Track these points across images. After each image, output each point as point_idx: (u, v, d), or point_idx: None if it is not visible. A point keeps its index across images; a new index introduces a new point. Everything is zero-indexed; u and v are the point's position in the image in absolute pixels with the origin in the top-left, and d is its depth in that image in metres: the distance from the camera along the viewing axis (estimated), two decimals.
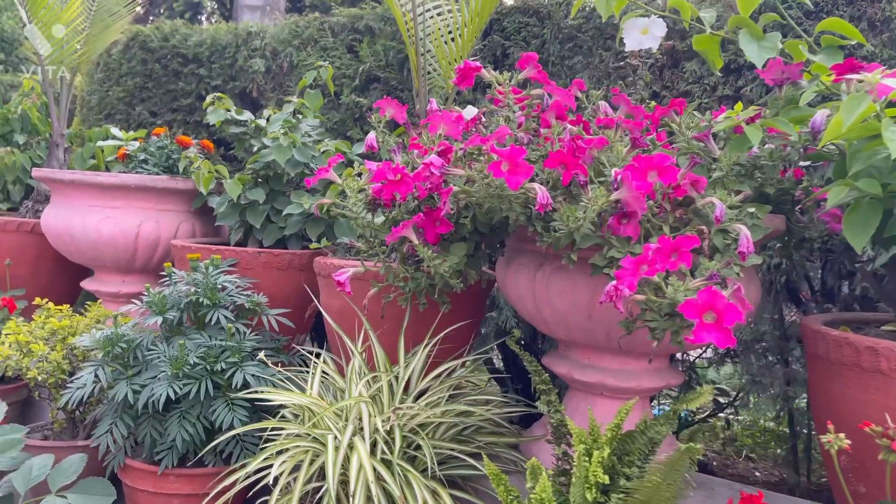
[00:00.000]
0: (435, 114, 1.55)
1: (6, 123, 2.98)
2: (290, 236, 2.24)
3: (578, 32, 2.61)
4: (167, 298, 1.87)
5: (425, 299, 1.59)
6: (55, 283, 2.82)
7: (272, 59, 3.35)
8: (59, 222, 2.40)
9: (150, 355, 1.80)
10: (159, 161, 2.46)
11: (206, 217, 2.56)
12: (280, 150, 2.10)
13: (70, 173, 2.34)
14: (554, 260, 1.54)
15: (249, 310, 1.94)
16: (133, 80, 3.79)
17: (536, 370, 1.47)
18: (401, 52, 2.99)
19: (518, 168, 1.26)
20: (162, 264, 2.51)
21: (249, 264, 2.10)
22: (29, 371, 1.99)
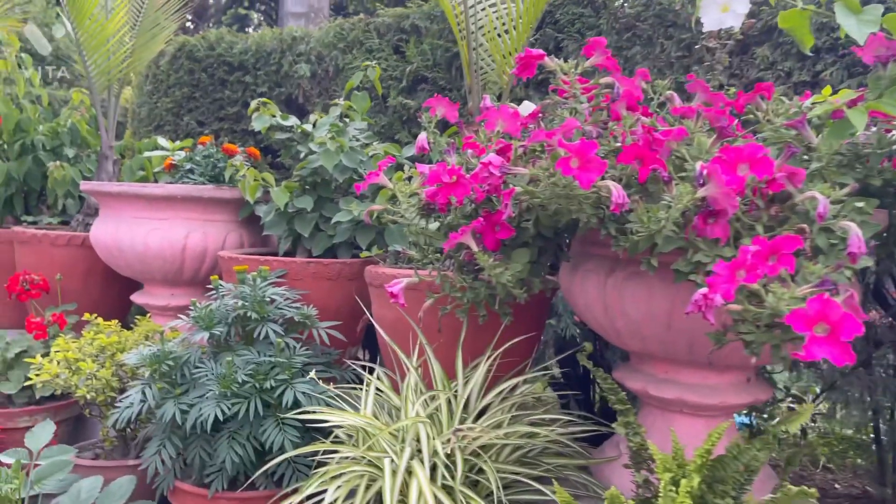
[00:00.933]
0: (491, 109, 1.42)
1: (56, 137, 2.97)
2: (340, 244, 2.14)
3: (637, 21, 2.45)
4: (214, 313, 1.79)
5: (485, 311, 1.46)
6: (106, 296, 2.79)
7: (317, 64, 3.27)
8: (108, 235, 2.36)
9: (197, 373, 1.71)
10: (205, 170, 2.39)
11: (254, 226, 2.49)
12: (327, 156, 2.01)
13: (117, 185, 2.29)
14: (627, 265, 1.40)
15: (299, 323, 1.84)
16: (181, 91, 3.77)
17: (612, 388, 1.33)
18: (448, 51, 2.88)
19: (589, 164, 1.13)
20: (210, 276, 2.44)
21: (298, 275, 2.01)
22: (78, 389, 1.94)
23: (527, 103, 1.87)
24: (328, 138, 2.01)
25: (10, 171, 2.88)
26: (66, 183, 2.80)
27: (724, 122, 1.25)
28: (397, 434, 1.47)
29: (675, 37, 2.38)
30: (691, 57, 2.36)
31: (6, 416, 2.26)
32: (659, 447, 1.21)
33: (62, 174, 2.76)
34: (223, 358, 1.74)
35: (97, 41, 2.75)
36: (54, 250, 2.67)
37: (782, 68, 2.20)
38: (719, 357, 1.35)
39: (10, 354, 2.30)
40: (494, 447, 1.47)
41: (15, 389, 2.29)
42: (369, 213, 1.51)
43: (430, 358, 1.60)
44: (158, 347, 1.78)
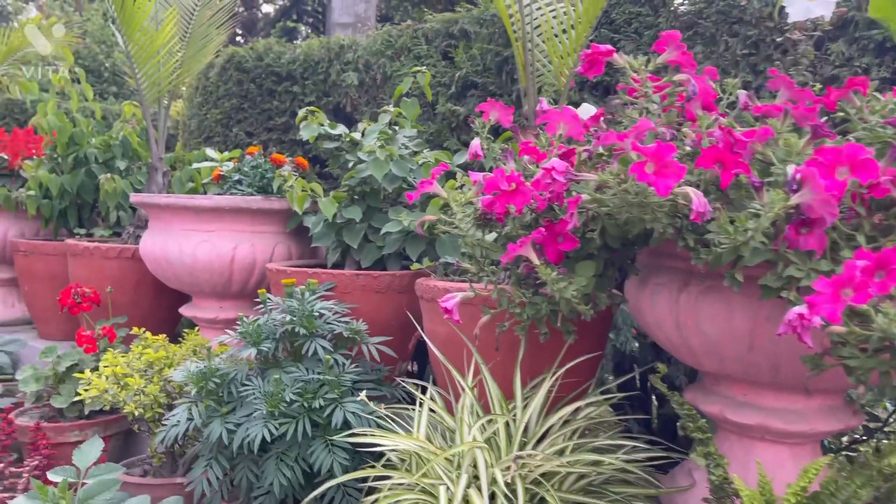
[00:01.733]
0: (552, 112, 1.32)
1: (108, 150, 2.98)
2: (389, 256, 2.06)
3: (699, 19, 2.31)
4: (262, 328, 1.72)
5: (546, 328, 1.35)
6: (155, 309, 2.77)
7: (365, 72, 3.22)
8: (157, 247, 2.33)
9: (244, 391, 1.65)
10: (253, 181, 2.34)
11: (302, 237, 2.43)
12: (376, 164, 1.93)
13: (165, 197, 2.26)
14: (702, 278, 1.27)
15: (348, 339, 1.77)
16: (230, 102, 3.76)
17: (691, 415, 1.21)
18: (499, 55, 2.79)
19: (667, 169, 1.02)
20: (258, 288, 2.39)
21: (347, 287, 1.93)
22: (126, 406, 1.90)
23: (586, 105, 1.76)
24: (377, 146, 1.94)
25: (65, 183, 2.89)
26: (116, 195, 2.79)
27: (816, 121, 1.13)
28: (453, 460, 1.37)
29: (741, 33, 2.23)
30: (758, 54, 2.22)
31: (57, 431, 2.24)
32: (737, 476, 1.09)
33: (113, 186, 2.75)
34: (271, 375, 1.67)
35: (147, 53, 2.74)
36: (105, 263, 2.66)
37: (859, 64, 2.04)
38: (811, 380, 1.22)
39: (61, 368, 2.29)
40: (557, 475, 1.36)
41: (66, 404, 2.27)
42: (422, 224, 1.42)
43: (487, 378, 1.50)
44: (205, 364, 1.72)
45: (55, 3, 12.71)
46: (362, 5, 6.19)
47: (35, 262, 2.99)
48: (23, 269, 3.05)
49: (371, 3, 6.25)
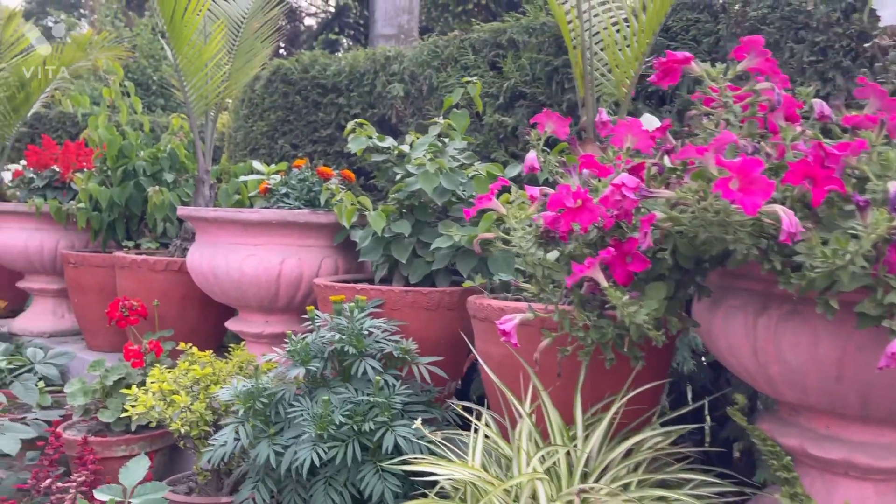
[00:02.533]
0: (620, 124, 1.24)
1: (156, 162, 2.98)
2: (438, 272, 1.99)
3: (762, 25, 2.21)
4: (310, 346, 1.67)
5: (612, 353, 1.27)
6: (201, 322, 2.75)
7: (411, 83, 3.17)
8: (204, 261, 2.31)
9: (292, 412, 1.60)
10: (301, 194, 2.31)
11: (349, 252, 2.39)
12: (426, 178, 1.87)
13: (213, 211, 2.24)
14: (783, 302, 1.18)
15: (398, 358, 1.70)
16: (275, 114, 3.76)
17: (774, 451, 1.11)
18: (549, 65, 2.71)
19: (753, 186, 0.93)
20: (305, 303, 2.35)
21: (396, 304, 1.87)
22: (172, 423, 1.86)
23: (648, 117, 1.67)
24: (427, 159, 1.88)
25: (114, 196, 2.90)
26: (164, 208, 2.79)
27: None
28: (511, 491, 1.30)
29: (808, 40, 2.12)
30: (826, 61, 2.10)
31: (103, 445, 2.22)
32: None
33: (161, 199, 2.75)
34: (319, 396, 1.62)
35: (195, 66, 2.74)
36: (152, 275, 2.65)
37: None
38: None
39: (108, 382, 2.28)
40: None
41: (113, 418, 2.25)
42: (479, 241, 1.35)
43: (547, 404, 1.41)
44: (252, 383, 1.67)
45: (106, 20, 13.05)
46: (405, 17, 6.18)
47: (84, 273, 3.01)
48: (72, 280, 3.07)
49: (414, 15, 6.24)
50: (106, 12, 13.15)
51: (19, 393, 2.28)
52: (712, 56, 2.33)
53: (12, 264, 3.41)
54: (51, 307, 3.50)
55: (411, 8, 6.19)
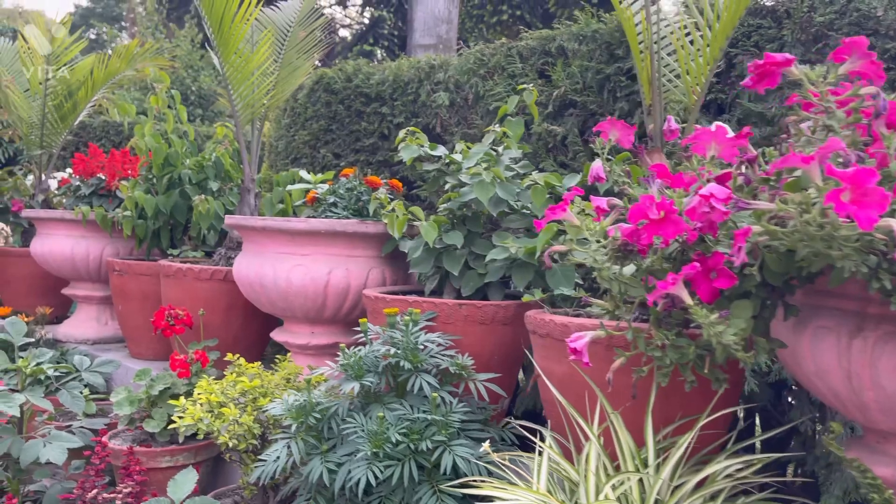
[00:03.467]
0: (704, 131, 1.17)
1: (201, 171, 2.97)
2: (491, 284, 1.93)
3: (829, 30, 2.11)
4: (363, 361, 1.61)
5: (693, 375, 1.19)
6: (245, 332, 2.72)
7: (456, 92, 3.12)
8: (251, 271, 2.27)
9: (346, 428, 1.54)
10: (349, 204, 2.26)
11: (397, 263, 2.33)
12: (481, 187, 1.81)
13: (261, 220, 2.20)
14: (882, 323, 1.09)
15: (454, 374, 1.64)
16: (318, 123, 3.74)
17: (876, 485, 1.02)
18: (600, 73, 2.64)
19: (867, 198, 0.85)
20: (351, 314, 2.30)
21: (449, 318, 1.81)
22: (220, 436, 1.82)
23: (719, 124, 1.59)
24: (483, 168, 1.82)
25: (159, 204, 2.89)
26: (209, 216, 2.77)
27: None
28: None
29: (878, 46, 2.02)
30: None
31: (149, 455, 2.19)
32: None
33: (207, 207, 2.73)
34: (373, 411, 1.56)
35: (242, 74, 2.72)
36: (197, 284, 2.63)
37: None
38: None
39: (154, 392, 2.25)
40: None
41: (158, 428, 2.22)
42: (551, 254, 1.29)
43: (617, 426, 1.34)
44: (304, 397, 1.62)
45: (147, 31, 13.29)
46: (444, 27, 6.15)
47: (128, 281, 3.00)
48: (117, 288, 3.06)
49: (453, 25, 6.21)
50: (147, 24, 13.39)
51: (66, 401, 2.26)
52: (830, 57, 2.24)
53: (59, 271, 3.43)
54: (94, 314, 3.50)
55: (450, 18, 6.16)
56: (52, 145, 4.04)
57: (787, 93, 2.26)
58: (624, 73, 2.59)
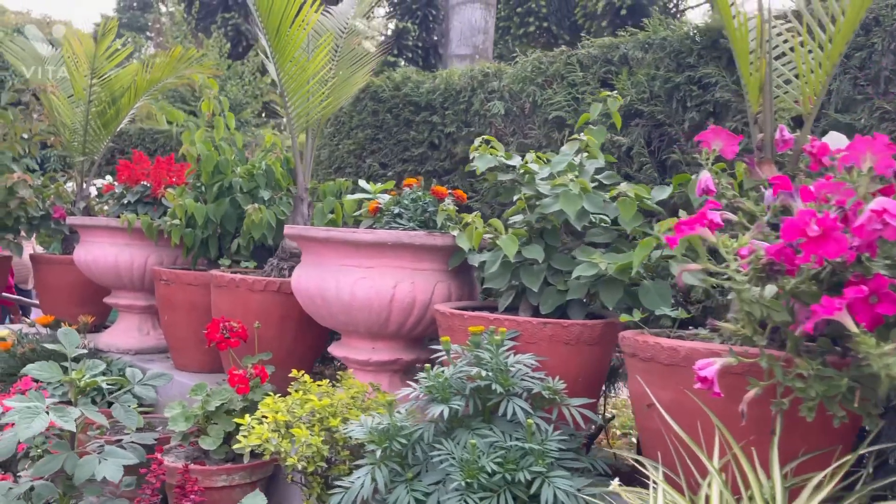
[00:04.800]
0: (860, 140, 1.06)
1: (251, 179, 2.89)
2: (572, 302, 1.82)
3: None
4: (450, 383, 1.51)
5: (842, 410, 1.07)
6: (297, 345, 2.62)
7: (511, 101, 3.02)
8: (311, 283, 2.18)
9: (435, 455, 1.43)
10: (414, 215, 2.17)
11: (462, 276, 2.23)
12: (568, 199, 1.70)
13: (325, 231, 2.11)
14: None
15: (546, 399, 1.53)
16: (363, 132, 3.66)
17: None
18: (669, 82, 2.53)
19: None
20: (414, 329, 2.20)
21: (532, 337, 1.70)
22: (289, 458, 1.72)
23: (835, 134, 1.48)
24: (570, 179, 1.71)
25: (209, 213, 2.81)
26: (262, 226, 2.69)
27: None
28: None
29: None
30: None
31: (204, 474, 2.10)
32: None
33: (260, 217, 2.65)
34: (459, 436, 1.46)
35: (297, 83, 2.64)
36: (251, 296, 2.54)
37: None
38: None
39: (210, 408, 2.16)
40: None
41: (214, 446, 2.13)
42: (685, 273, 1.18)
43: (744, 461, 1.22)
44: (385, 419, 1.52)
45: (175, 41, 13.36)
46: (480, 37, 6.07)
47: (175, 291, 2.92)
48: (163, 297, 2.98)
49: (489, 35, 6.13)
50: (176, 34, 13.47)
51: (119, 415, 2.17)
52: (864, 72, 2.13)
53: (102, 279, 3.35)
54: (136, 323, 3.43)
55: (486, 28, 6.08)
56: (95, 152, 3.99)
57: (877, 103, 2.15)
58: (695, 82, 2.48)
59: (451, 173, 3.30)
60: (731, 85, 2.40)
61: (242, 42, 14.24)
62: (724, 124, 2.39)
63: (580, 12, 11.25)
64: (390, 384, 2.27)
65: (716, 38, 2.46)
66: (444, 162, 3.30)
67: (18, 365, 2.99)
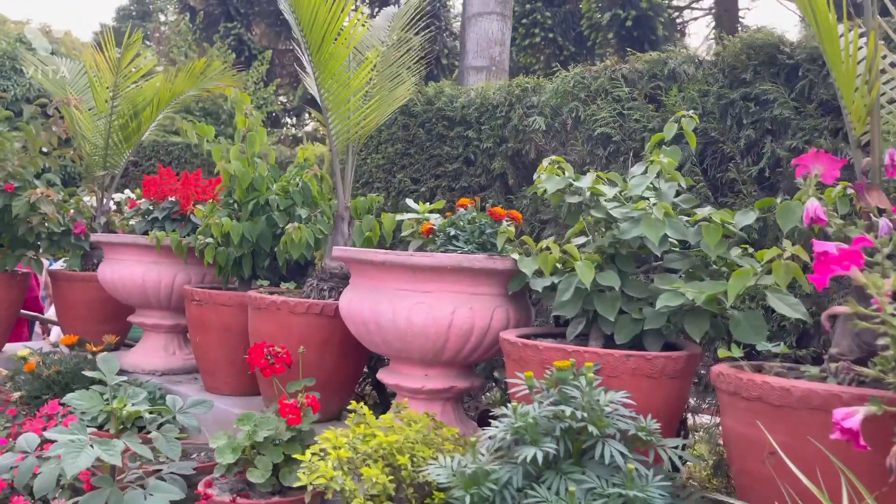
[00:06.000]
0: None
1: (287, 196, 2.79)
2: (648, 332, 1.72)
3: None
4: (538, 422, 1.41)
5: None
6: (338, 371, 2.52)
7: (552, 117, 2.93)
8: (365, 307, 2.07)
9: (526, 502, 1.33)
10: (472, 237, 2.07)
11: (519, 301, 2.13)
12: (651, 224, 1.61)
13: (383, 253, 2.01)
14: None
15: (643, 441, 1.43)
16: (393, 147, 3.56)
17: None
18: (723, 98, 2.45)
19: None
20: (470, 356, 2.10)
21: (614, 370, 1.60)
22: (355, 498, 1.61)
23: None
24: (653, 203, 1.62)
25: (245, 231, 2.71)
26: (301, 245, 2.59)
27: None
28: None
29: None
30: None
31: None
32: None
33: (300, 236, 2.55)
34: (550, 481, 1.35)
35: (339, 99, 2.55)
36: (292, 318, 2.43)
37: None
38: None
39: (258, 439, 2.05)
40: None
41: (263, 479, 2.02)
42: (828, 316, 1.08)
43: None
44: (467, 460, 1.42)
45: (180, 51, 13.25)
46: (497, 48, 6.00)
47: (208, 311, 2.81)
48: (194, 318, 2.87)
49: (505, 47, 6.05)
50: (180, 44, 13.37)
51: (161, 446, 2.06)
52: None
53: (128, 298, 3.24)
54: (162, 343, 3.31)
55: (503, 40, 6.01)
56: (115, 166, 3.88)
57: None
58: (751, 98, 2.40)
59: (486, 189, 3.20)
60: (790, 102, 2.31)
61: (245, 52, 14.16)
62: (782, 143, 2.31)
63: (586, 24, 11.22)
64: (443, 413, 2.16)
65: (773, 53, 2.38)
66: (480, 178, 3.21)
67: (43, 388, 2.88)
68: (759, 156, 2.37)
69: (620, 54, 10.72)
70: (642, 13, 10.47)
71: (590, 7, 10.98)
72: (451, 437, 1.79)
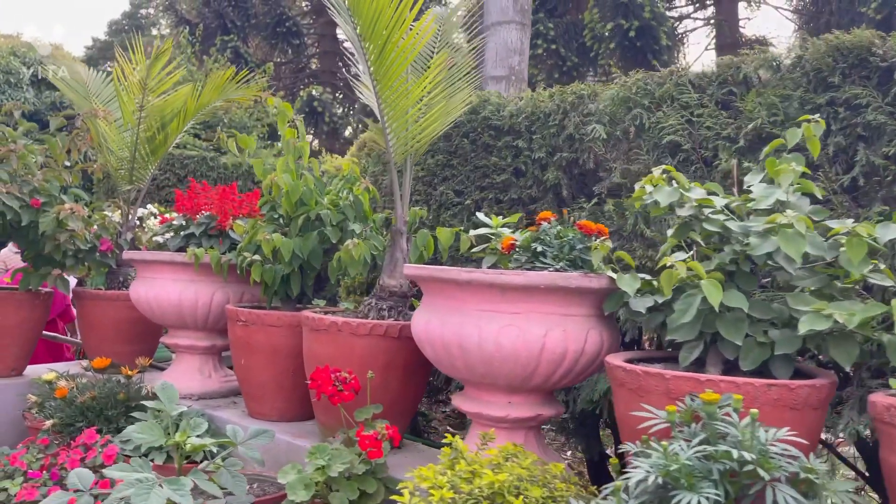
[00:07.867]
0: None
1: (339, 211, 2.60)
2: (776, 358, 1.55)
3: None
4: (693, 465, 1.23)
5: None
6: (403, 396, 2.33)
7: (611, 124, 2.77)
8: (446, 329, 1.89)
9: None
10: (560, 253, 1.89)
11: (610, 321, 1.96)
12: (789, 240, 1.44)
13: (467, 272, 1.83)
14: None
15: (814, 484, 1.25)
16: (434, 158, 3.38)
17: None
18: (807, 103, 2.29)
19: None
20: (560, 382, 1.92)
21: (753, 401, 1.43)
22: None
23: None
24: (793, 216, 1.45)
25: (295, 248, 2.52)
26: (359, 262, 2.40)
27: None
28: None
29: None
30: None
31: None
32: None
33: (360, 252, 2.36)
34: None
35: (397, 111, 2.37)
36: (354, 340, 2.24)
37: None
38: None
39: (332, 473, 1.85)
40: None
41: None
42: None
43: None
44: None
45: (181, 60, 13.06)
46: (516, 58, 5.85)
47: (255, 332, 2.61)
48: (240, 339, 2.67)
49: (524, 56, 5.91)
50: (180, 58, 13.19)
51: (227, 482, 1.86)
52: None
53: (162, 318, 3.04)
54: (197, 365, 3.11)
55: (522, 49, 5.87)
56: (142, 179, 3.69)
57: None
58: (841, 103, 2.25)
59: (537, 201, 3.03)
60: (885, 106, 2.16)
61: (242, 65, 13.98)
62: (877, 149, 2.16)
63: (588, 34, 11.11)
64: (526, 443, 1.98)
65: (864, 56, 2.23)
66: (531, 189, 3.03)
67: (77, 415, 2.66)
68: (850, 164, 2.21)
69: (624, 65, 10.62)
70: (645, 23, 10.37)
71: (592, 18, 10.88)
72: (560, 474, 1.61)
